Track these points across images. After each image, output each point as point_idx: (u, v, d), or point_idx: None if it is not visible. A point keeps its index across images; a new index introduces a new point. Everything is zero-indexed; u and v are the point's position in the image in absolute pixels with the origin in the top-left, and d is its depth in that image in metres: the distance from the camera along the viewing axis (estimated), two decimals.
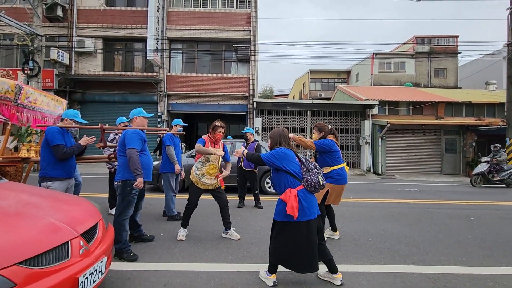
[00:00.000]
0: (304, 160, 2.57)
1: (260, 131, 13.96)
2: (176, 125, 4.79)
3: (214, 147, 3.64)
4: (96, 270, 1.93)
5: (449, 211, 5.61)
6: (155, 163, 5.87)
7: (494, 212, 5.66)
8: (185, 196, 3.85)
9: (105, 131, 3.88)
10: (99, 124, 3.67)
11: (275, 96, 41.82)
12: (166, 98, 14.01)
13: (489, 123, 13.11)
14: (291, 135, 3.17)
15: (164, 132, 4.78)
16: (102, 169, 10.64)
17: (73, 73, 13.59)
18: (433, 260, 3.20)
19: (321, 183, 2.47)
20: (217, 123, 3.65)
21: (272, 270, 2.56)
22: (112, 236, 2.38)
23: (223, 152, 3.63)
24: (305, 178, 2.47)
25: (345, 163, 3.71)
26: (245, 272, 2.79)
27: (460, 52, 24.18)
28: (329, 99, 22.74)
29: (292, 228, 2.43)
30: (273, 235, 2.59)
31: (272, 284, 2.51)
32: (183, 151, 16.12)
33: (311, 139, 3.87)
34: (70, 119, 3.22)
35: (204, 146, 3.53)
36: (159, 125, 13.57)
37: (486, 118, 14.84)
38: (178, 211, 4.67)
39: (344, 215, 5.08)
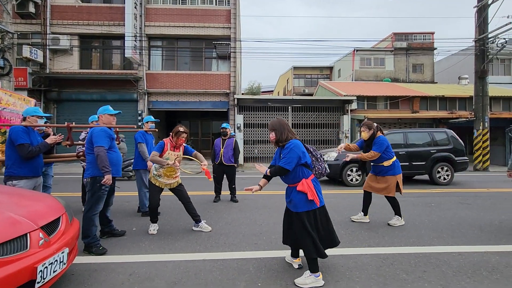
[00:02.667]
0: (312, 150, 2.64)
1: (242, 128, 14.10)
2: (147, 122, 4.85)
3: (174, 151, 3.71)
4: (56, 261, 2.03)
5: (413, 199, 5.97)
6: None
7: (454, 198, 6.07)
8: (163, 193, 3.94)
9: (73, 130, 3.91)
10: (66, 123, 3.70)
11: (262, 92, 41.85)
12: (146, 96, 13.88)
13: (459, 116, 13.79)
14: (346, 154, 4.07)
15: (132, 129, 4.82)
16: (80, 169, 10.49)
17: (48, 72, 13.23)
18: (387, 242, 3.47)
19: (328, 170, 2.69)
20: (181, 129, 3.67)
21: (315, 268, 2.44)
22: (76, 229, 2.47)
23: (178, 164, 3.61)
24: (316, 168, 2.59)
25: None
26: (210, 260, 2.94)
27: (436, 48, 25.15)
28: (312, 95, 23.12)
29: (310, 216, 2.51)
30: (301, 227, 2.48)
31: (323, 284, 2.41)
32: None
33: (356, 142, 4.18)
34: (32, 116, 3.25)
35: (163, 150, 3.61)
36: (139, 124, 13.44)
37: (458, 111, 15.59)
38: None
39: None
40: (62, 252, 2.11)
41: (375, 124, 4.13)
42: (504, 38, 11.45)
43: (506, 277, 2.59)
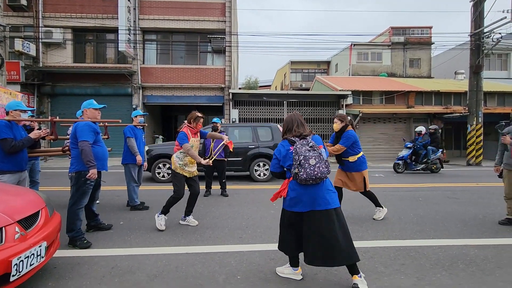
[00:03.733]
0: (297, 154, 2.27)
1: (237, 122, 14.08)
2: (136, 117, 4.84)
3: (194, 137, 3.77)
4: (33, 254, 2.05)
5: (402, 193, 6.03)
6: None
7: (442, 193, 6.13)
8: (149, 187, 3.96)
9: (61, 124, 3.89)
10: (49, 117, 3.68)
11: (260, 87, 41.70)
12: (140, 90, 13.81)
13: (453, 111, 13.82)
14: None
15: (118, 124, 4.82)
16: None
17: (41, 65, 13.10)
18: (370, 236, 3.52)
19: (300, 176, 2.22)
20: (198, 114, 3.80)
21: (293, 262, 2.49)
22: (56, 223, 2.49)
23: (210, 161, 3.76)
24: (292, 171, 2.32)
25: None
26: (192, 254, 2.98)
27: (433, 43, 25.07)
28: (309, 89, 23.06)
29: (283, 215, 2.48)
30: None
31: (301, 278, 2.46)
32: (161, 142, 16.03)
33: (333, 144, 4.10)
34: (15, 110, 3.23)
35: (187, 140, 3.62)
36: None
37: (452, 106, 15.61)
38: (141, 200, 4.80)
39: None
40: (39, 246, 2.12)
41: (349, 118, 4.13)
42: (499, 33, 11.42)
43: (482, 270, 2.64)
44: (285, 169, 2.47)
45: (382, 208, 4.19)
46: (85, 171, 3.20)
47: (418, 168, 9.17)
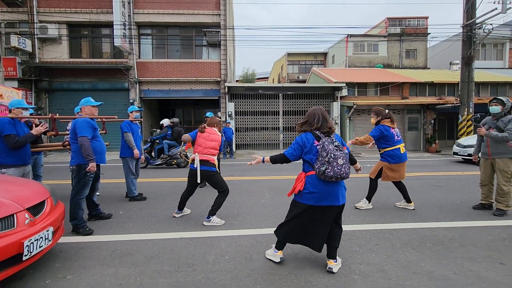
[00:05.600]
0: (320, 147, 2.36)
1: (233, 115, 14.29)
2: (132, 112, 5.06)
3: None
4: (42, 238, 2.32)
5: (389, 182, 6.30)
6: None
7: (427, 181, 6.42)
8: (147, 180, 4.19)
9: (61, 120, 4.11)
10: (49, 114, 3.90)
11: (257, 79, 41.67)
12: (137, 85, 13.94)
13: (446, 102, 14.04)
14: (349, 142, 3.93)
15: (114, 120, 5.04)
16: None
17: (37, 61, 13.18)
18: (351, 221, 3.80)
19: (327, 173, 2.28)
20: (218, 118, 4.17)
21: (279, 246, 2.66)
22: (61, 211, 2.75)
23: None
24: (316, 167, 2.36)
25: (402, 144, 4.17)
26: (186, 238, 3.26)
27: (429, 33, 25.08)
28: (306, 81, 23.17)
29: (295, 207, 2.53)
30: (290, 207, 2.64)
31: (279, 260, 2.63)
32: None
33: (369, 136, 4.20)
34: (17, 108, 3.45)
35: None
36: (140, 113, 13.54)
37: (446, 97, 15.82)
38: (139, 192, 5.07)
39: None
40: (47, 231, 2.39)
41: (386, 111, 4.22)
42: (491, 24, 11.55)
43: (446, 248, 2.93)
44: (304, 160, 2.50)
45: (369, 203, 4.40)
46: (85, 164, 3.44)
47: (157, 163, 8.55)
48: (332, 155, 2.28)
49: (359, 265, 2.59)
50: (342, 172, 2.29)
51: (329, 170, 2.27)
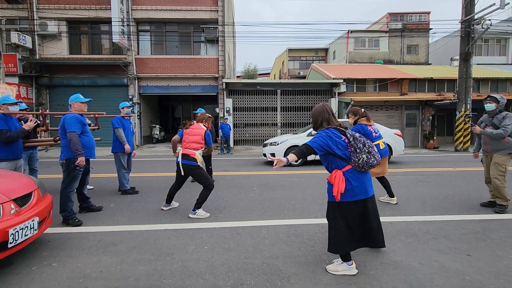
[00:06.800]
0: (351, 139, 2.32)
1: (231, 111, 14.39)
2: (123, 108, 5.18)
3: None
4: (27, 227, 2.46)
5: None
6: None
7: (416, 177, 6.50)
8: (141, 174, 4.33)
9: (55, 116, 4.24)
10: (40, 110, 4.03)
11: (259, 75, 41.62)
12: (136, 81, 14.06)
13: (444, 98, 14.00)
14: None
15: (105, 116, 5.18)
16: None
17: (37, 57, 13.34)
18: None
19: (371, 162, 2.27)
20: (209, 115, 4.29)
21: (345, 258, 2.40)
22: (48, 203, 2.89)
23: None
24: (352, 159, 2.29)
25: (381, 140, 4.24)
26: (170, 230, 3.39)
27: (431, 29, 24.83)
28: (306, 77, 23.13)
29: (339, 209, 2.35)
30: (328, 217, 2.46)
31: (356, 272, 2.38)
32: (158, 132, 16.36)
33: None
34: (3, 104, 3.58)
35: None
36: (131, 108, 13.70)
37: (445, 93, 15.76)
38: (132, 186, 5.22)
39: (293, 184, 5.75)
40: (33, 221, 2.53)
41: (362, 110, 4.25)
42: (489, 20, 11.46)
43: (418, 241, 3.03)
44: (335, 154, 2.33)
45: (393, 197, 4.45)
46: (74, 158, 3.58)
47: None
48: (369, 144, 2.31)
49: (329, 256, 2.70)
50: (378, 158, 2.34)
51: (372, 160, 2.28)
